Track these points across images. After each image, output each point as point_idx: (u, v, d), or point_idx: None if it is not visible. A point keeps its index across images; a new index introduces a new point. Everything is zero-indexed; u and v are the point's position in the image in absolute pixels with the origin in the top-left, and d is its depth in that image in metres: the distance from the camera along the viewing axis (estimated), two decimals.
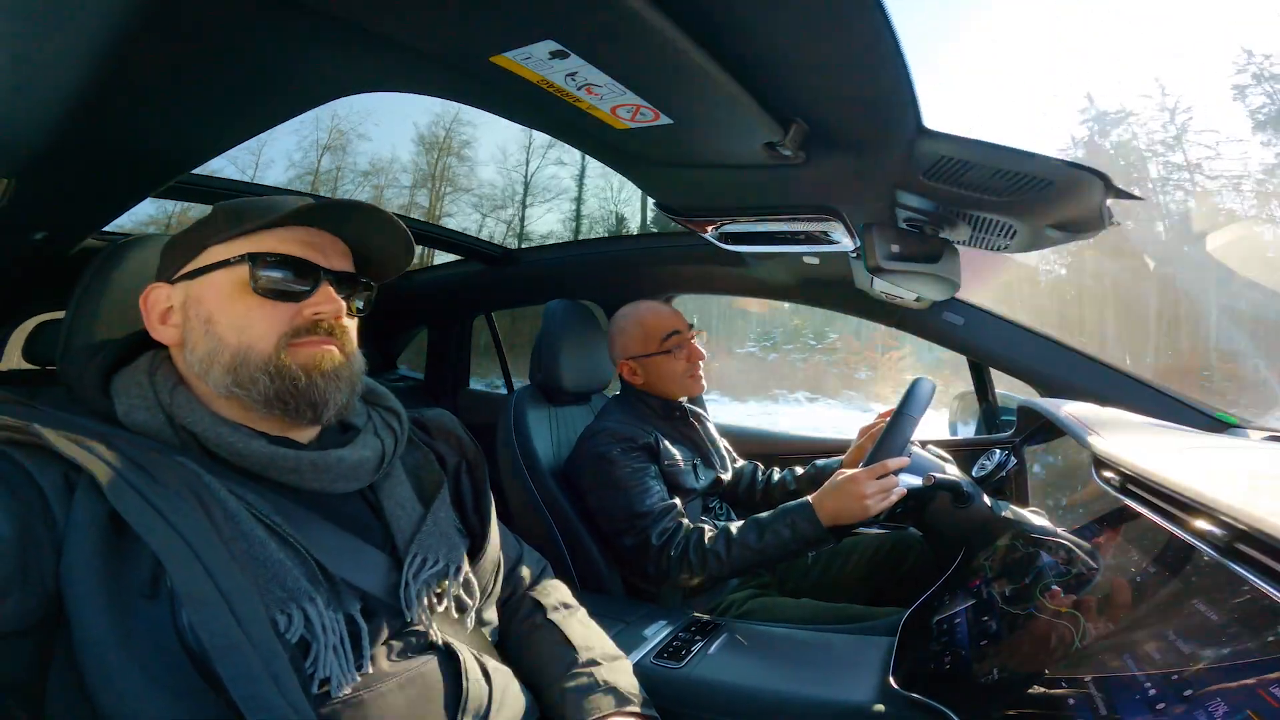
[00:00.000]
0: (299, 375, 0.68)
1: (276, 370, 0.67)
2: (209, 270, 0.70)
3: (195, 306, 0.69)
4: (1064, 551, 0.85)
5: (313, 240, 0.72)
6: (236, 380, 0.67)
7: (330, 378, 0.70)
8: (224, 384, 0.67)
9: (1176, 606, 0.59)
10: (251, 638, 0.54)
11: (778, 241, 1.38)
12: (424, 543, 0.73)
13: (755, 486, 1.75)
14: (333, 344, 0.72)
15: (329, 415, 0.71)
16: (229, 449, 0.66)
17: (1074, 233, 1.04)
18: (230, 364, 0.67)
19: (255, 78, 0.78)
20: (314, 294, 0.71)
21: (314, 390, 0.69)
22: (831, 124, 0.89)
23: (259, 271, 0.68)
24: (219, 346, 0.67)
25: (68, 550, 0.54)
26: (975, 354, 1.77)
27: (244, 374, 0.67)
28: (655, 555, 1.32)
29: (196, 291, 0.70)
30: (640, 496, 1.37)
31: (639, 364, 1.56)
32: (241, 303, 0.68)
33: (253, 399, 0.67)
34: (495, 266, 2.25)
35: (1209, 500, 0.63)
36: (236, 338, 0.67)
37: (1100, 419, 1.17)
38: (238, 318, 0.68)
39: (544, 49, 0.70)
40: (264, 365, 0.67)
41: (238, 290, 0.69)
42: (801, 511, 1.24)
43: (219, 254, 0.70)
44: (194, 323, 0.69)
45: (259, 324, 0.68)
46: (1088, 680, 0.62)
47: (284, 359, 0.68)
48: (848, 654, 1.04)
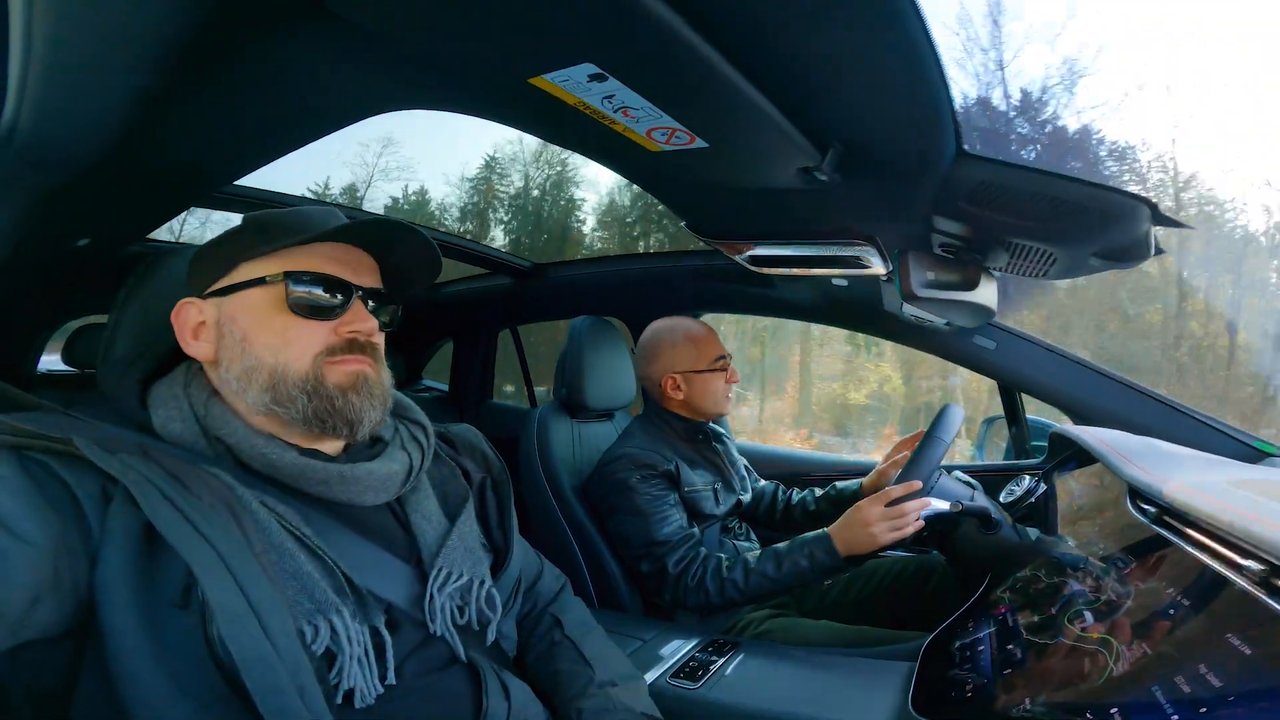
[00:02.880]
0: (335, 394, 0.69)
1: (314, 389, 0.68)
2: (243, 287, 0.70)
3: (229, 324, 0.70)
4: (1092, 581, 0.83)
5: (343, 257, 0.73)
6: (275, 399, 0.68)
7: (365, 395, 0.71)
8: (262, 402, 0.68)
9: (1208, 639, 0.58)
10: (279, 650, 0.54)
11: (808, 265, 1.38)
12: (449, 556, 0.74)
13: (775, 507, 1.74)
14: (366, 361, 0.72)
15: (364, 432, 0.72)
16: (262, 460, 0.67)
17: (1117, 260, 1.02)
18: (268, 383, 0.68)
19: (298, 94, 0.80)
20: (347, 312, 0.72)
21: (350, 408, 0.70)
22: (869, 149, 0.88)
23: (295, 290, 0.69)
24: (256, 365, 0.68)
25: (102, 560, 0.55)
26: (1007, 379, 1.74)
27: (282, 392, 0.68)
28: (672, 583, 1.33)
29: (230, 309, 0.70)
30: (659, 524, 1.37)
31: (685, 379, 1.56)
32: (278, 321, 0.69)
33: (291, 417, 0.68)
34: (521, 281, 2.27)
35: (1246, 533, 0.62)
36: (273, 357, 0.68)
37: (1135, 448, 1.15)
38: (274, 336, 0.69)
39: (583, 72, 0.70)
40: (301, 384, 0.68)
41: (273, 308, 0.69)
42: (819, 542, 1.24)
43: (253, 271, 0.70)
44: (229, 340, 0.70)
45: (295, 343, 0.69)
46: (1114, 711, 0.60)
47: (321, 378, 0.69)
48: (867, 677, 1.02)
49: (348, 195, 16.61)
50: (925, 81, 0.72)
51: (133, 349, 0.77)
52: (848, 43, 0.67)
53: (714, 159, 0.93)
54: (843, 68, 0.72)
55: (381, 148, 17.17)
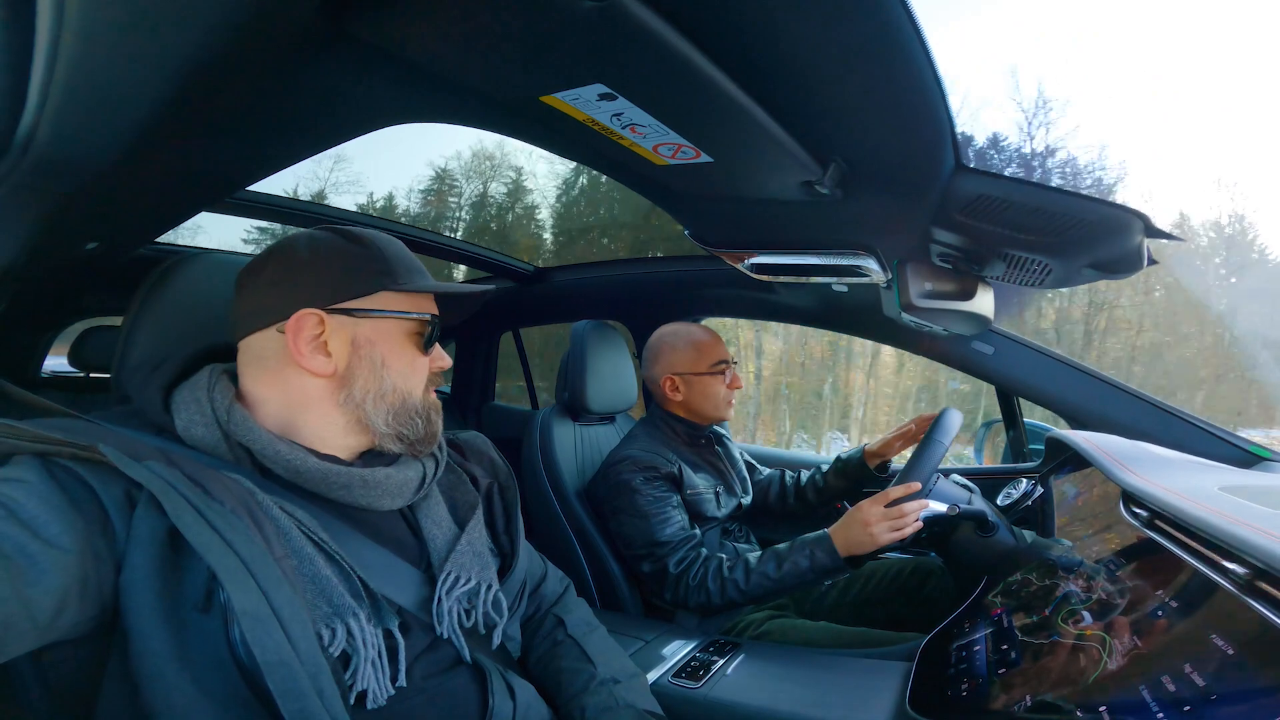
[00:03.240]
0: (435, 419, 0.79)
1: (425, 415, 0.78)
2: (387, 315, 0.75)
3: (368, 348, 0.74)
4: (1086, 583, 0.85)
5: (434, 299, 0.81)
6: (398, 419, 0.75)
7: (440, 418, 0.81)
8: (385, 421, 0.74)
9: (1194, 640, 0.60)
10: (300, 653, 0.55)
11: (809, 273, 1.40)
12: (458, 561, 0.76)
13: (786, 492, 1.76)
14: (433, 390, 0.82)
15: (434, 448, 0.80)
16: (285, 465, 0.68)
17: (1111, 272, 1.03)
18: (399, 407, 0.75)
19: (313, 103, 0.81)
20: (433, 349, 0.80)
21: (437, 430, 0.80)
22: (870, 163, 0.90)
23: (428, 329, 0.77)
24: (391, 390, 0.74)
25: (128, 565, 0.56)
26: (1004, 384, 1.75)
27: (404, 416, 0.75)
28: (673, 583, 1.35)
29: (368, 333, 0.74)
30: (660, 525, 1.39)
31: (684, 381, 1.58)
32: (408, 352, 0.77)
33: (408, 436, 0.76)
34: (524, 284, 2.28)
35: (1234, 537, 0.64)
36: (404, 384, 0.76)
37: (1128, 452, 1.16)
38: (404, 365, 0.76)
39: (593, 91, 0.72)
40: (419, 410, 0.77)
41: (406, 340, 0.76)
42: (820, 542, 1.25)
43: (395, 303, 0.76)
44: (365, 363, 0.74)
45: (417, 374, 0.78)
46: (1103, 710, 0.62)
47: (425, 404, 0.78)
48: (865, 678, 1.04)
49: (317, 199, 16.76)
50: (924, 97, 0.73)
51: (155, 354, 0.78)
52: (848, 62, 0.69)
53: (718, 173, 0.95)
54: (843, 85, 0.73)
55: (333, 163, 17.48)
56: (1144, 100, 16.34)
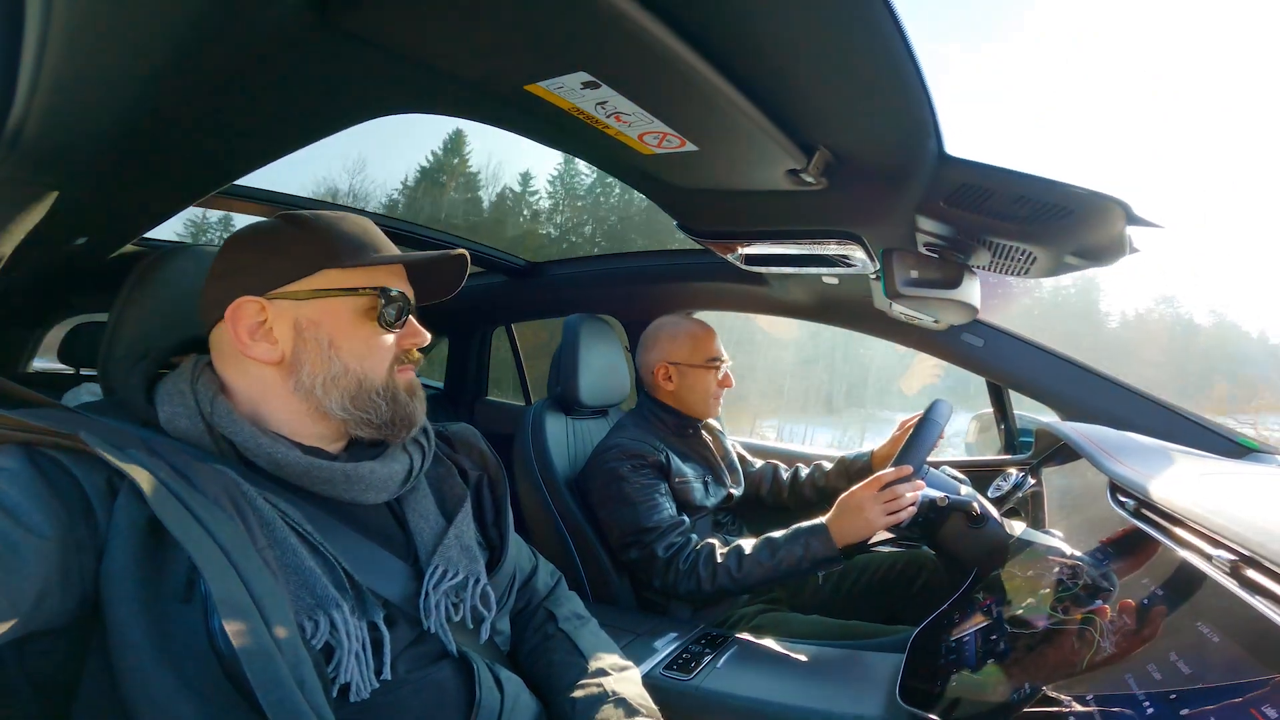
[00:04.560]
0: (405, 399, 0.76)
1: (391, 395, 0.74)
2: (331, 294, 0.72)
3: (314, 329, 0.72)
4: (1076, 574, 0.86)
5: (402, 274, 0.78)
6: (356, 403, 0.72)
7: (419, 400, 0.78)
8: (342, 406, 0.72)
9: (1181, 628, 0.61)
10: (280, 644, 0.55)
11: (798, 263, 1.40)
12: (445, 555, 0.75)
13: (780, 485, 1.76)
14: (413, 368, 0.78)
15: (414, 433, 0.78)
16: (267, 458, 0.68)
17: (1094, 259, 1.04)
18: (354, 389, 0.72)
19: (299, 96, 0.81)
20: (407, 325, 0.77)
21: (413, 412, 0.76)
22: (854, 151, 0.90)
23: (384, 304, 0.74)
24: (343, 372, 0.72)
25: (108, 554, 0.56)
26: (994, 375, 1.76)
27: (363, 399, 0.73)
28: (662, 568, 1.35)
29: (312, 314, 0.72)
30: (648, 512, 1.39)
31: (677, 371, 1.59)
32: (363, 330, 0.73)
33: (368, 421, 0.73)
34: (517, 278, 2.28)
35: (1218, 526, 0.65)
36: (358, 364, 0.73)
37: (1117, 443, 1.17)
38: (359, 344, 0.73)
39: (576, 79, 0.72)
40: (382, 391, 0.74)
41: (359, 318, 0.73)
42: (815, 532, 1.25)
43: (339, 280, 0.73)
44: (311, 345, 0.72)
45: (376, 352, 0.74)
46: (1090, 699, 0.63)
47: (393, 385, 0.74)
48: (856, 669, 1.05)
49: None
50: (906, 86, 0.74)
51: (139, 346, 0.78)
52: (829, 50, 0.69)
53: (704, 161, 0.95)
54: (826, 74, 0.74)
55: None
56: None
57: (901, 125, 0.82)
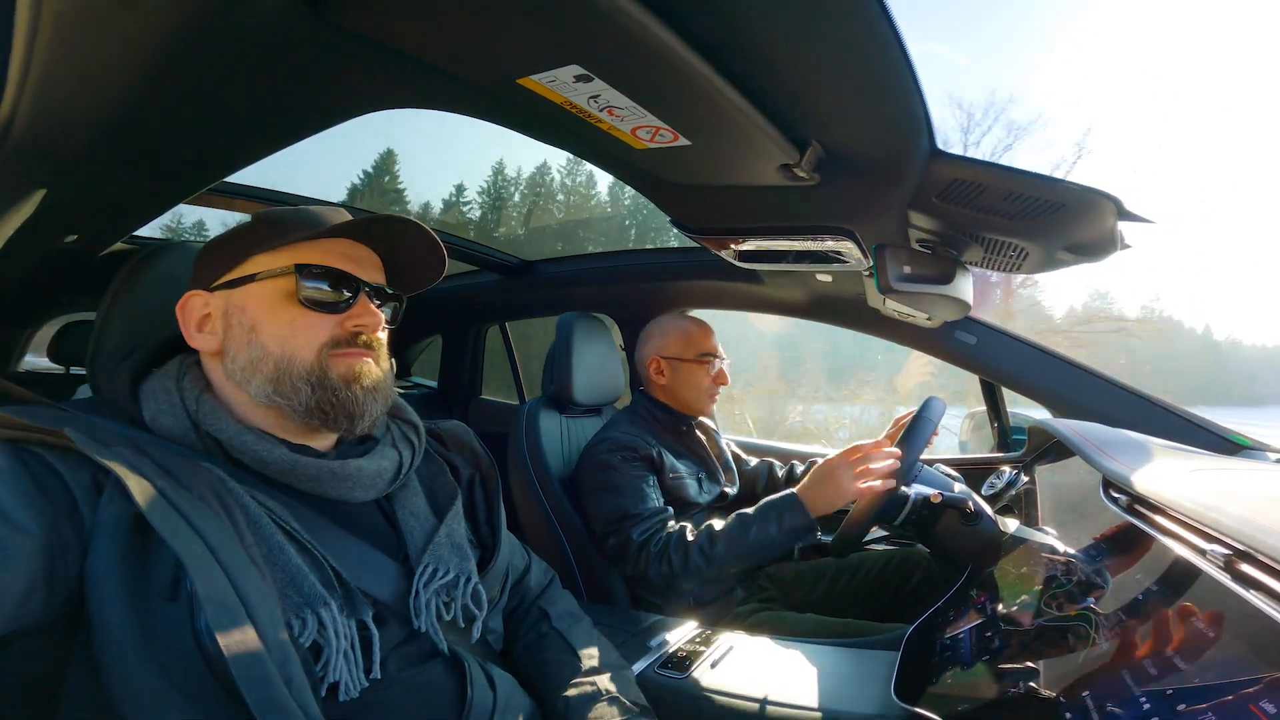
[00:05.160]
0: (339, 386, 0.71)
1: (318, 380, 0.70)
2: (253, 280, 0.72)
3: (238, 315, 0.71)
4: (1069, 571, 0.85)
5: (352, 253, 0.75)
6: (278, 389, 0.69)
7: (369, 390, 0.73)
8: (265, 392, 0.69)
9: (1177, 624, 0.60)
10: (267, 642, 0.55)
11: (792, 260, 1.40)
12: (436, 553, 0.75)
13: (775, 482, 1.76)
14: (369, 355, 0.74)
15: (364, 426, 0.73)
16: (252, 456, 0.68)
17: (1086, 255, 1.04)
18: (273, 373, 0.69)
19: (290, 91, 0.80)
20: (354, 306, 0.73)
21: (353, 401, 0.72)
22: (846, 147, 0.90)
23: (305, 283, 0.71)
24: (262, 355, 0.70)
25: (94, 552, 0.55)
26: (987, 373, 1.77)
27: (286, 383, 0.69)
28: (635, 553, 1.34)
29: (239, 300, 0.72)
30: (633, 499, 1.39)
31: (670, 365, 1.59)
32: (286, 313, 0.71)
33: (293, 408, 0.69)
34: (511, 277, 2.28)
35: (1212, 521, 0.64)
36: (280, 347, 0.70)
37: (1110, 439, 1.17)
38: (281, 327, 0.70)
39: (569, 73, 0.72)
40: (306, 375, 0.70)
41: (282, 300, 0.71)
42: (787, 502, 1.25)
43: (263, 264, 0.72)
44: (236, 331, 0.71)
45: (302, 334, 0.70)
46: (1086, 696, 0.62)
47: (325, 369, 0.70)
48: (851, 668, 1.04)
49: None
50: (898, 81, 0.73)
51: (125, 343, 0.78)
52: (823, 45, 0.69)
53: (697, 156, 0.95)
54: (818, 69, 0.73)
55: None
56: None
57: (894, 120, 0.82)
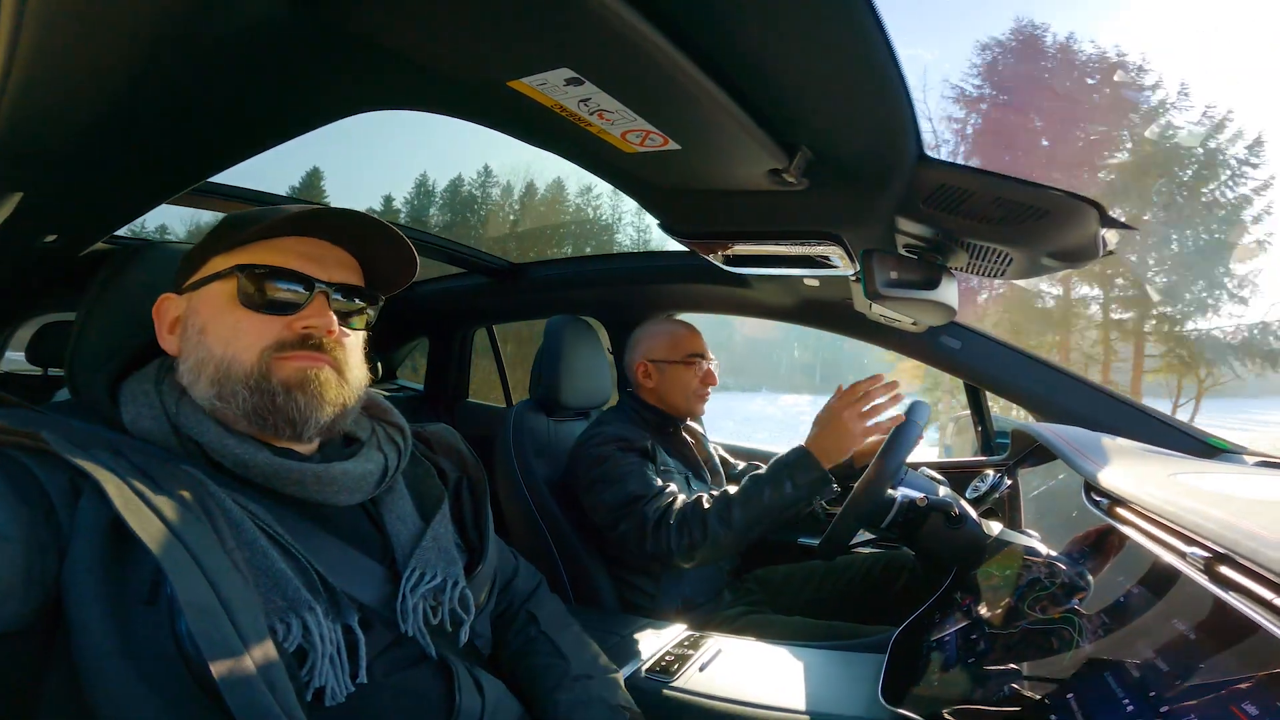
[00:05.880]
0: (278, 390, 0.68)
1: (256, 384, 0.67)
2: (207, 282, 0.71)
3: (193, 318, 0.71)
4: (1053, 573, 0.86)
5: (312, 252, 0.73)
6: (219, 393, 0.67)
7: (313, 396, 0.69)
8: (208, 395, 0.68)
9: (1158, 626, 0.61)
10: (249, 646, 0.54)
11: (780, 265, 1.41)
12: (423, 557, 0.74)
13: None
14: (323, 360, 0.71)
15: (309, 434, 0.70)
16: (233, 459, 0.66)
17: (1069, 260, 1.06)
18: (214, 376, 0.68)
19: (276, 90, 0.79)
20: (306, 307, 0.70)
21: (292, 407, 0.68)
22: (835, 152, 0.91)
23: (246, 283, 0.69)
24: (206, 358, 0.68)
25: (71, 555, 0.54)
26: (972, 377, 1.79)
27: (226, 387, 0.67)
28: (653, 531, 1.31)
29: (195, 303, 0.71)
30: (640, 483, 1.37)
31: (657, 368, 1.59)
32: (231, 315, 0.69)
33: (233, 412, 0.67)
34: (498, 280, 2.27)
35: (1191, 525, 0.65)
36: (222, 349, 0.68)
37: (1091, 443, 1.19)
38: (225, 330, 0.69)
39: (560, 76, 0.72)
40: (244, 379, 0.67)
41: (228, 302, 0.69)
42: (799, 457, 1.25)
43: (217, 265, 0.71)
44: (189, 334, 0.70)
45: (244, 336, 0.68)
46: (1071, 697, 0.63)
47: (266, 373, 0.68)
48: (839, 670, 1.05)
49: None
50: (887, 87, 0.74)
51: (105, 345, 0.76)
52: (813, 49, 0.69)
53: (686, 161, 0.95)
54: (808, 74, 0.74)
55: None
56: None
57: (882, 125, 0.83)
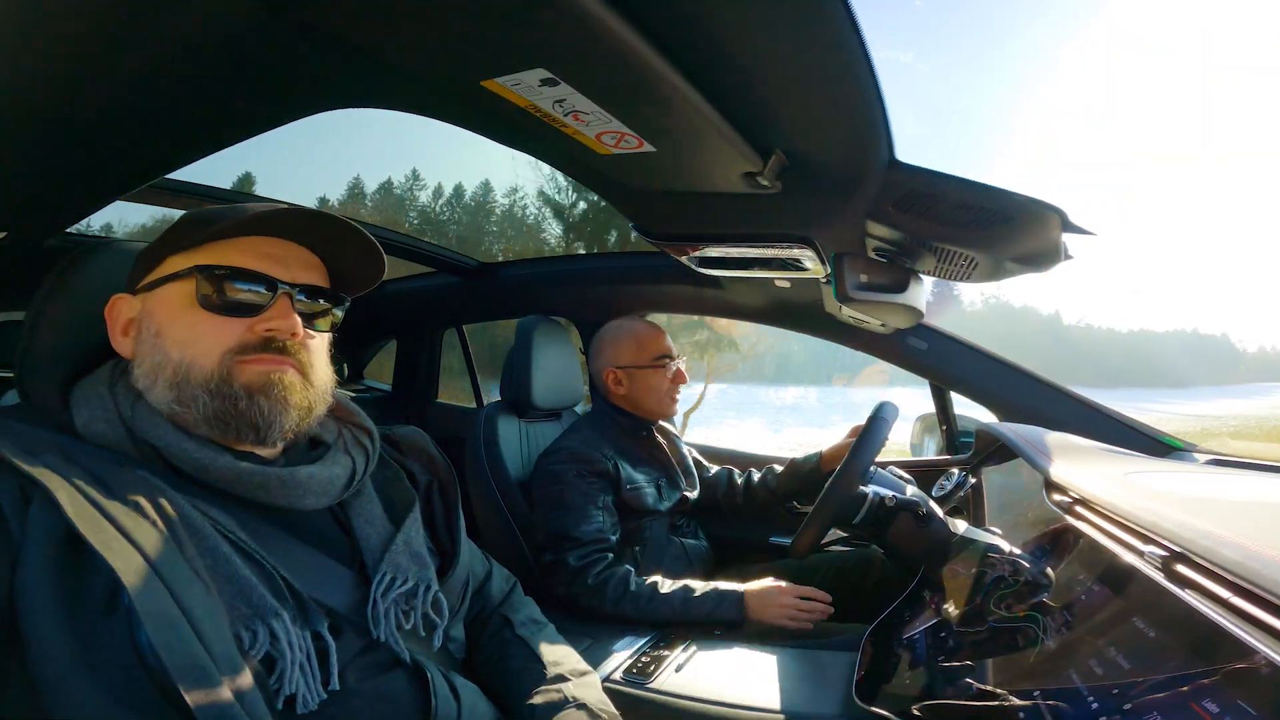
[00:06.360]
0: (240, 395, 0.66)
1: (217, 389, 0.66)
2: (163, 282, 0.69)
3: (148, 319, 0.68)
4: (1017, 571, 0.88)
5: (275, 252, 0.71)
6: (178, 398, 0.65)
7: (277, 400, 0.68)
8: (166, 400, 0.66)
9: (1118, 624, 0.62)
10: (215, 656, 0.53)
11: (751, 266, 1.42)
12: (394, 561, 0.73)
13: (735, 490, 1.78)
14: (287, 363, 0.69)
15: (274, 438, 0.69)
16: (193, 464, 0.65)
17: (1032, 265, 1.08)
18: (172, 380, 0.66)
19: (240, 85, 0.77)
20: (269, 309, 0.69)
21: (255, 412, 0.66)
22: (808, 155, 0.91)
23: (206, 284, 0.67)
24: (163, 361, 0.66)
25: (23, 565, 0.53)
26: (937, 378, 1.82)
27: (185, 391, 0.65)
28: (570, 576, 1.34)
29: (151, 304, 0.69)
30: (578, 521, 1.39)
31: (626, 374, 1.59)
32: (189, 317, 0.67)
33: (194, 418, 0.66)
34: (468, 279, 2.25)
35: (1149, 524, 0.67)
36: (180, 353, 0.66)
37: (1051, 443, 1.22)
38: (183, 332, 0.67)
39: (535, 76, 0.71)
40: (205, 383, 0.66)
41: (186, 304, 0.67)
42: (732, 599, 1.28)
43: (175, 265, 0.69)
44: (145, 336, 0.68)
45: (203, 339, 0.67)
46: (1037, 694, 0.64)
47: (227, 377, 0.66)
48: (813, 669, 1.06)
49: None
50: (861, 92, 0.75)
51: (57, 346, 0.74)
52: (791, 54, 0.70)
53: (661, 163, 0.95)
54: (784, 78, 0.75)
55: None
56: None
57: (856, 130, 0.84)
